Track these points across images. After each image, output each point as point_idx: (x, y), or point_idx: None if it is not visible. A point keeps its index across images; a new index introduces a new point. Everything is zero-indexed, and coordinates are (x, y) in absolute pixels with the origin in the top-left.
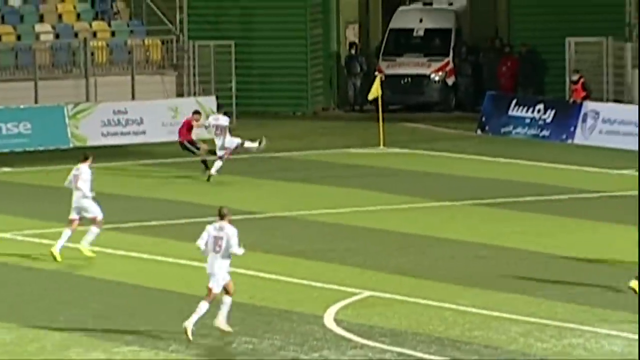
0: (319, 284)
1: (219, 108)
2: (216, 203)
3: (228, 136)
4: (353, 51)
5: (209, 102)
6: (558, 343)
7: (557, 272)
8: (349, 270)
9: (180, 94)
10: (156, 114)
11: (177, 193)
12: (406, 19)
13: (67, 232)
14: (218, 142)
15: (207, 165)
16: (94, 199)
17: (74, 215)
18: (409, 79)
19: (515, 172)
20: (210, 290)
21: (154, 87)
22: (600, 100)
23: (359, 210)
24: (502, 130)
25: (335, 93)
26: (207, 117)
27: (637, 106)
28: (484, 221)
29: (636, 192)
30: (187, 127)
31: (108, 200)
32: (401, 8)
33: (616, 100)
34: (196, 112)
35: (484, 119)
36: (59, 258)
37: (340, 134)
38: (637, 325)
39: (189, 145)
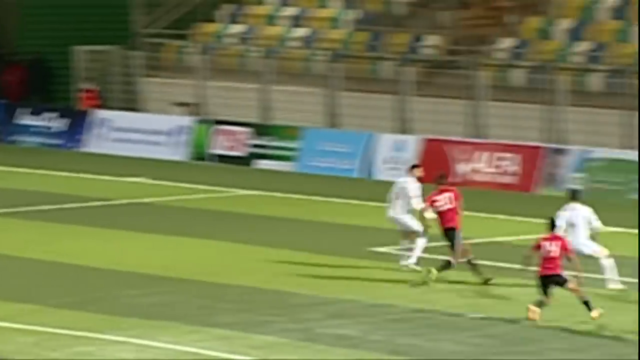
0: None
1: None
2: None
3: None
4: None
5: None
6: (69, 352)
7: (65, 280)
8: None
9: None
10: None
11: None
12: None
13: None
14: None
15: None
16: None
17: None
18: None
19: (26, 181)
20: None
21: None
22: (111, 108)
23: None
24: (12, 138)
25: None
26: None
27: (146, 114)
28: None
29: (147, 199)
30: None
31: None
32: None
33: (126, 109)
34: None
35: None
36: None
37: None
38: (145, 331)
39: None
